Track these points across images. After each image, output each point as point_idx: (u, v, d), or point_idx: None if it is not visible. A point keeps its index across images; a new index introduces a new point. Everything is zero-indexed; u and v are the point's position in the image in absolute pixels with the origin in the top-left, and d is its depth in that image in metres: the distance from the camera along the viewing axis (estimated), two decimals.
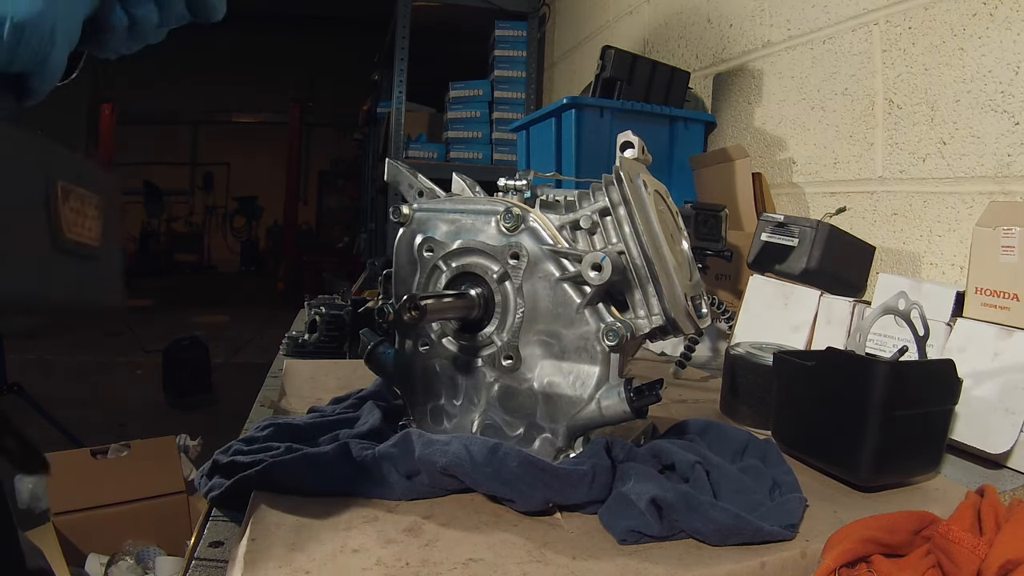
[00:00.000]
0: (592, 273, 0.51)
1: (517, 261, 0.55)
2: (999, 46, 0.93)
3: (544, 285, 0.55)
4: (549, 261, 0.54)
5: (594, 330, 0.53)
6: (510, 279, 0.56)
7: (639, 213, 0.54)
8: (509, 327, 0.56)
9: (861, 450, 0.56)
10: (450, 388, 0.58)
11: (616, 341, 0.52)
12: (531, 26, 2.99)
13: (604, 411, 0.53)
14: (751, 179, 1.37)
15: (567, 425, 0.54)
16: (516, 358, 0.56)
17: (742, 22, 1.52)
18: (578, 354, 0.54)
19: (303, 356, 1.04)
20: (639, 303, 0.55)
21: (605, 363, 0.53)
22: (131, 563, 1.87)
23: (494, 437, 0.55)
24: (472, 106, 2.92)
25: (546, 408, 0.55)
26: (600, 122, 1.47)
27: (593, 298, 0.53)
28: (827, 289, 0.95)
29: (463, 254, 0.57)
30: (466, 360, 0.57)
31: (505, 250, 0.55)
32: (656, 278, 0.54)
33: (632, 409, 0.52)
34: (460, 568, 0.41)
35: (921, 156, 1.05)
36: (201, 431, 2.43)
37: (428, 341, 0.59)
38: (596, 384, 0.53)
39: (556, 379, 0.55)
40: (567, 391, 0.54)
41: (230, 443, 0.57)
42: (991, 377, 0.70)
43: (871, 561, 0.45)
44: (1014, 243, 0.73)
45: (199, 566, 0.46)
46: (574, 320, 0.54)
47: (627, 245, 0.55)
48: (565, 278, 0.54)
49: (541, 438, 0.55)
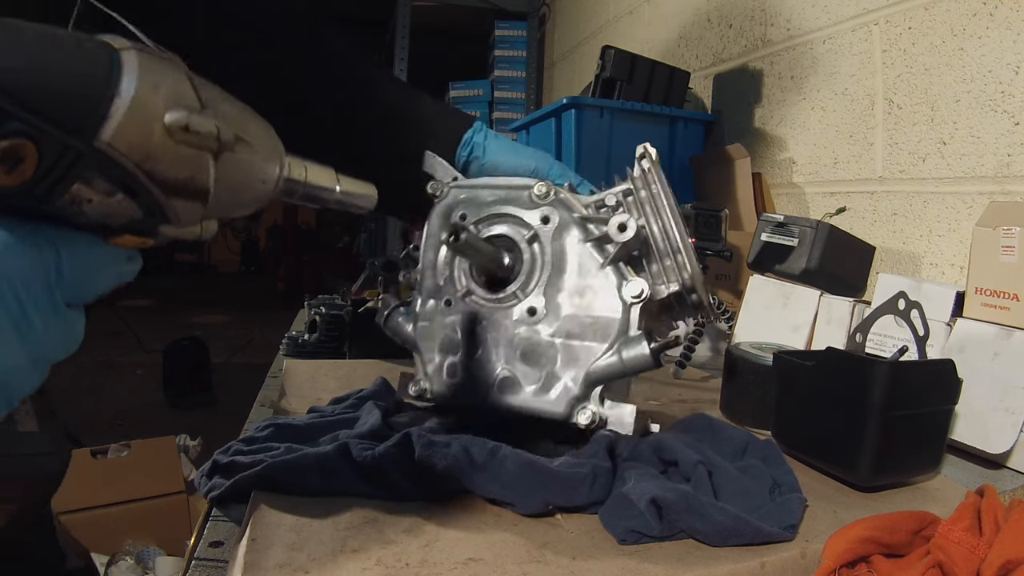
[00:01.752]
0: (617, 232, 0.55)
1: (546, 225, 0.60)
2: (999, 46, 0.93)
3: (571, 246, 0.59)
4: (576, 226, 0.59)
5: (616, 284, 0.57)
6: (539, 240, 0.60)
7: (661, 191, 0.59)
8: (535, 283, 0.59)
9: (861, 450, 0.56)
10: (470, 343, 0.60)
11: (638, 292, 0.55)
12: (531, 26, 2.99)
13: (625, 360, 0.55)
14: (751, 179, 1.37)
15: (586, 372, 0.56)
16: (540, 311, 0.58)
17: (742, 22, 1.52)
18: (600, 308, 0.57)
19: (303, 356, 1.04)
20: (657, 274, 0.60)
21: (626, 315, 0.56)
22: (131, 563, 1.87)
23: (511, 390, 0.58)
24: (472, 106, 2.92)
25: (566, 357, 0.57)
26: (600, 122, 1.47)
27: (616, 257, 0.57)
28: (827, 289, 0.95)
29: (495, 219, 0.62)
30: (489, 315, 0.60)
31: (535, 215, 0.60)
32: (676, 250, 0.58)
33: (653, 356, 0.54)
34: (460, 568, 0.41)
35: (921, 156, 1.05)
36: (201, 431, 2.43)
37: (452, 299, 0.62)
38: (617, 334, 0.56)
39: (577, 330, 0.58)
40: (588, 341, 0.57)
41: (230, 443, 0.57)
42: (991, 377, 0.70)
43: (871, 561, 0.45)
44: (1014, 243, 0.73)
45: (199, 566, 0.46)
46: (597, 276, 0.58)
47: (648, 221, 0.59)
48: (590, 239, 0.58)
49: (558, 388, 0.57)
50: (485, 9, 2.96)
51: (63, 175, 0.27)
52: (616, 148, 1.48)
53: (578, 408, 0.56)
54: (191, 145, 0.30)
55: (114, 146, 0.28)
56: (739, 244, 1.15)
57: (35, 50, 0.26)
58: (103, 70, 0.27)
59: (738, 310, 1.06)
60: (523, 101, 2.95)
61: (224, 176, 0.32)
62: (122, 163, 0.28)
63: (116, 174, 0.29)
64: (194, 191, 0.31)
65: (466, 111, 0.56)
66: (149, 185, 0.30)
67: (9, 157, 0.25)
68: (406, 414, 0.65)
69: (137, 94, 0.28)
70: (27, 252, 0.28)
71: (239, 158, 0.33)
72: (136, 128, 0.28)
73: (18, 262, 0.28)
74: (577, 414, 0.56)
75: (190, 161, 0.30)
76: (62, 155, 0.27)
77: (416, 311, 0.64)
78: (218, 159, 0.32)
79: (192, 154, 0.30)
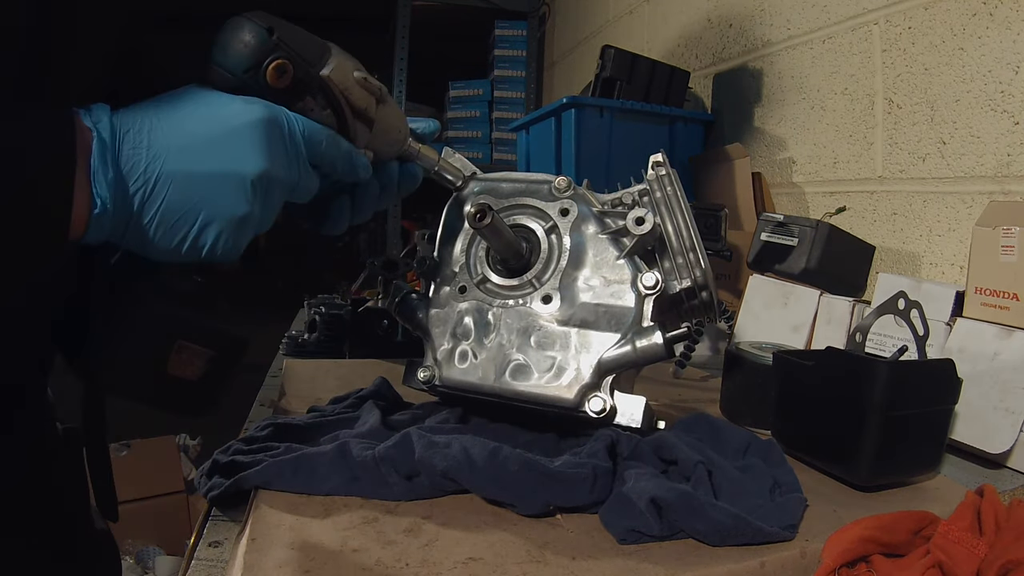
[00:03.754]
0: (635, 225, 0.56)
1: (565, 217, 0.61)
2: (999, 46, 0.93)
3: (588, 239, 0.61)
4: (594, 219, 0.61)
5: (631, 277, 0.58)
6: (557, 231, 0.61)
7: (676, 192, 0.60)
8: (551, 272, 0.60)
9: (861, 450, 0.56)
10: (482, 329, 0.61)
11: (653, 283, 0.56)
12: (531, 26, 2.98)
13: (638, 349, 0.56)
14: (751, 179, 1.37)
15: (599, 361, 0.56)
16: (555, 300, 0.59)
17: (742, 22, 1.52)
18: (615, 298, 0.58)
19: (303, 356, 1.04)
20: (669, 271, 0.60)
21: (640, 306, 0.57)
22: (131, 562, 1.87)
23: (522, 376, 0.58)
24: (472, 106, 2.92)
25: (579, 345, 0.58)
26: (600, 121, 1.47)
27: (632, 250, 0.59)
28: (827, 289, 0.95)
29: (515, 209, 0.64)
30: (504, 302, 0.61)
31: (555, 207, 0.62)
32: (690, 248, 0.60)
33: (666, 346, 0.55)
34: (460, 568, 0.41)
35: (921, 156, 1.05)
36: (201, 431, 2.43)
37: (466, 286, 0.63)
38: (631, 324, 0.57)
39: (591, 319, 0.58)
40: (602, 329, 0.58)
41: (230, 443, 0.57)
42: (991, 377, 0.70)
43: (871, 561, 0.45)
44: (1014, 243, 0.73)
45: (199, 566, 0.46)
46: (613, 268, 0.59)
47: (663, 220, 0.60)
48: (607, 232, 0.60)
49: (570, 375, 0.57)
50: (485, 9, 2.96)
51: (304, 86, 0.49)
52: (616, 148, 1.48)
53: (589, 396, 0.56)
54: (367, 90, 0.52)
55: (330, 78, 0.49)
56: (739, 244, 1.15)
57: (292, 32, 0.48)
58: (323, 45, 0.50)
59: (738, 310, 1.06)
60: (523, 101, 2.94)
61: (380, 117, 0.54)
62: (332, 89, 0.50)
63: (328, 96, 0.50)
64: (366, 119, 0.53)
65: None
66: (344, 106, 0.51)
67: (280, 67, 0.47)
68: (406, 413, 0.65)
69: (340, 58, 0.50)
70: (293, 115, 0.48)
71: (389, 110, 0.54)
72: (340, 72, 0.50)
73: (292, 117, 0.48)
74: (588, 402, 0.56)
75: (366, 99, 0.52)
76: (305, 75, 0.48)
77: (429, 297, 0.64)
78: (378, 106, 0.53)
79: (367, 96, 0.52)
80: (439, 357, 0.62)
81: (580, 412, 0.57)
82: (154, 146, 0.42)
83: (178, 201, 0.43)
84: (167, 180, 0.42)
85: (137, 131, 0.42)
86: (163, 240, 0.44)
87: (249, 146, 0.44)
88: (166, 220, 0.43)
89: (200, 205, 0.44)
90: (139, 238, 0.43)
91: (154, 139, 0.42)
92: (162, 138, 0.42)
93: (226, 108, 0.45)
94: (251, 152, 0.45)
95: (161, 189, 0.42)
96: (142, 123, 0.42)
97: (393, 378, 0.70)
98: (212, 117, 0.44)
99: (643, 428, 0.57)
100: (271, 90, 0.47)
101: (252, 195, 0.45)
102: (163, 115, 0.43)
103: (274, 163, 0.46)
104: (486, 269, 0.63)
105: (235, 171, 0.44)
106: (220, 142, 0.44)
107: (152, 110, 0.43)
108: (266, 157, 0.45)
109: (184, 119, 0.44)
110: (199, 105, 0.45)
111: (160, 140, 0.42)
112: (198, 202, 0.43)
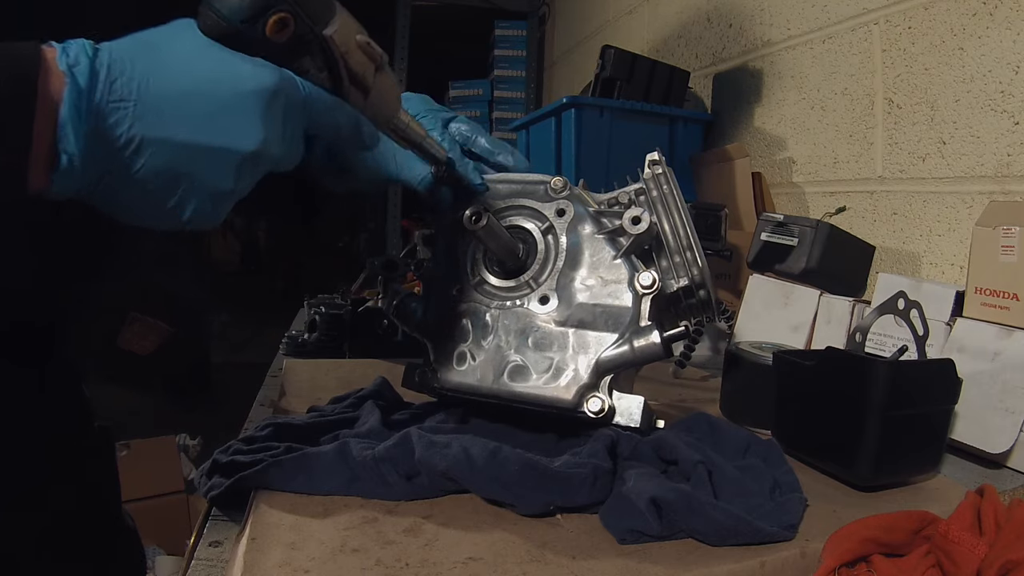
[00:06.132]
0: (631, 224, 0.57)
1: (561, 217, 0.61)
2: (999, 46, 0.93)
3: (585, 239, 0.61)
4: (590, 219, 0.61)
5: (628, 276, 0.58)
6: (554, 232, 0.61)
7: (672, 191, 0.60)
8: (548, 273, 0.60)
9: (861, 450, 0.56)
10: (480, 330, 0.61)
11: (650, 282, 0.56)
12: (531, 26, 2.98)
13: (636, 348, 0.56)
14: (751, 179, 1.36)
15: (597, 361, 0.56)
16: (552, 300, 0.59)
17: (742, 22, 1.52)
18: (612, 298, 0.58)
19: (303, 356, 1.04)
20: (667, 269, 0.61)
21: (637, 305, 0.57)
22: None
23: (520, 377, 0.58)
24: (472, 106, 2.92)
25: (577, 346, 0.58)
26: (600, 121, 1.47)
27: (629, 249, 0.59)
28: (827, 288, 0.95)
29: (512, 210, 0.64)
30: (501, 303, 0.61)
31: (551, 208, 0.62)
32: (687, 247, 0.60)
33: (664, 345, 0.55)
34: (460, 568, 0.41)
35: (921, 156, 1.05)
36: (201, 431, 2.43)
37: (464, 288, 0.63)
38: (629, 324, 0.57)
39: (589, 319, 0.58)
40: (600, 329, 0.57)
41: (230, 443, 0.57)
42: (991, 377, 0.70)
43: (871, 561, 0.45)
44: (1014, 243, 0.73)
45: (199, 565, 0.46)
46: (610, 267, 0.59)
47: (660, 219, 0.60)
48: (604, 231, 0.60)
49: (568, 376, 0.57)
50: (485, 9, 2.96)
51: (303, 44, 0.45)
52: (616, 147, 1.47)
53: (588, 396, 0.56)
54: (368, 55, 0.48)
55: (333, 38, 0.46)
56: (739, 244, 1.15)
57: None
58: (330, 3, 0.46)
59: (738, 309, 1.06)
60: (523, 101, 2.95)
61: (377, 85, 0.50)
62: (333, 49, 0.46)
63: (327, 57, 0.46)
64: (363, 85, 0.49)
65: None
66: (343, 69, 0.47)
67: (281, 21, 0.43)
68: (406, 413, 0.65)
69: (345, 18, 0.47)
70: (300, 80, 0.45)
71: (386, 79, 0.51)
72: (344, 33, 0.46)
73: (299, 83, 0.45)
74: (586, 402, 0.56)
75: (365, 64, 0.49)
76: (306, 32, 0.45)
77: (427, 299, 0.64)
78: (376, 73, 0.50)
79: (366, 61, 0.49)
80: (437, 359, 0.62)
81: (579, 412, 0.56)
82: (142, 104, 0.37)
83: (160, 169, 0.39)
84: (151, 145, 0.38)
85: (126, 81, 0.37)
86: (136, 206, 0.40)
87: (249, 121, 0.41)
88: (142, 186, 0.39)
89: (184, 177, 0.40)
90: (109, 199, 0.39)
91: (143, 94, 0.37)
92: (153, 97, 0.38)
93: (230, 70, 0.41)
94: (250, 128, 0.41)
95: (143, 154, 0.38)
96: (132, 72, 0.37)
97: (393, 378, 0.70)
98: (214, 80, 0.40)
99: (642, 427, 0.57)
100: (267, 43, 0.43)
101: (240, 172, 0.42)
102: (157, 65, 0.38)
103: (270, 139, 0.42)
104: (483, 271, 0.63)
105: (229, 147, 0.41)
106: (219, 113, 0.40)
107: (143, 55, 0.38)
108: (264, 133, 0.42)
109: (181, 76, 0.39)
110: (200, 60, 0.40)
111: (150, 99, 0.38)
112: (183, 173, 0.40)
